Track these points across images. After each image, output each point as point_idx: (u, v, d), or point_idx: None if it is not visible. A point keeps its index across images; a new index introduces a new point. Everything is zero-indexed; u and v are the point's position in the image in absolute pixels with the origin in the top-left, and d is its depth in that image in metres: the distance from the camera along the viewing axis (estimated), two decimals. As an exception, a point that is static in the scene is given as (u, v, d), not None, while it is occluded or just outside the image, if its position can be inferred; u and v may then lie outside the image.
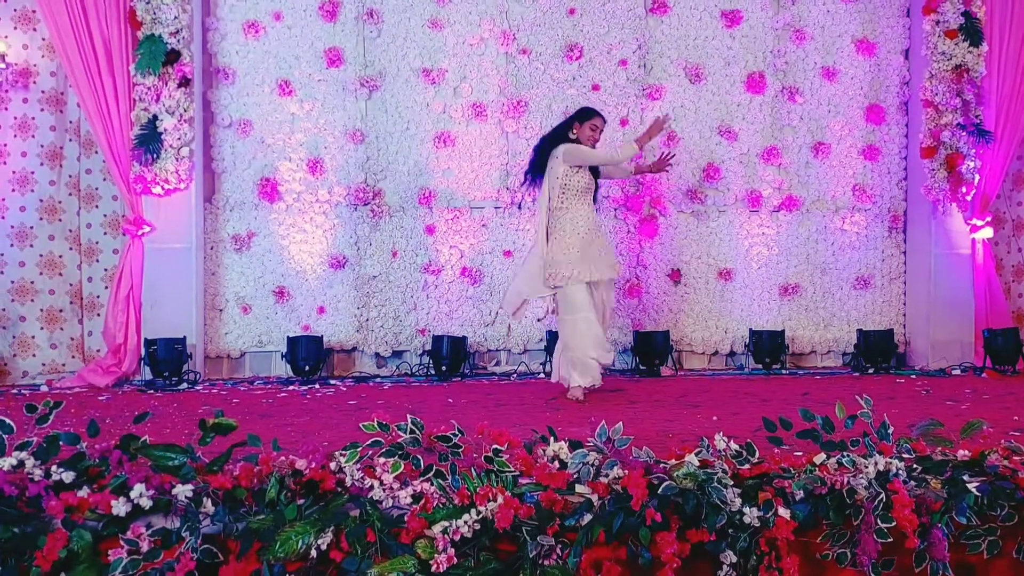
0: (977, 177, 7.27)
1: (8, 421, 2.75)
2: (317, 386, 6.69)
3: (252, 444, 2.79)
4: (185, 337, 6.75)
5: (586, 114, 6.01)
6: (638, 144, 5.90)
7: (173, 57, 6.63)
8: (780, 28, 7.57)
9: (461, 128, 7.40)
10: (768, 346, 7.35)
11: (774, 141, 7.60)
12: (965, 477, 2.93)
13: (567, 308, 5.82)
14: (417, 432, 2.78)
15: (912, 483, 2.89)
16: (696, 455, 2.85)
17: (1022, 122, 7.43)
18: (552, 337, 7.11)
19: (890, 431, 3.14)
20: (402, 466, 2.73)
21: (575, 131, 5.95)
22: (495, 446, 2.85)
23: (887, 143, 7.70)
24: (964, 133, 7.19)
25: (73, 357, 7.05)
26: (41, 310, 7.02)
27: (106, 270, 7.09)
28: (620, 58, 7.43)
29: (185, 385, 6.63)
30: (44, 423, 2.82)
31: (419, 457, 2.78)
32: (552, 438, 2.98)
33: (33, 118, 6.94)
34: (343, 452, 2.74)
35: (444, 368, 7.05)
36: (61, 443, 2.75)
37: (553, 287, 5.85)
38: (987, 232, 7.40)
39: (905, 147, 7.70)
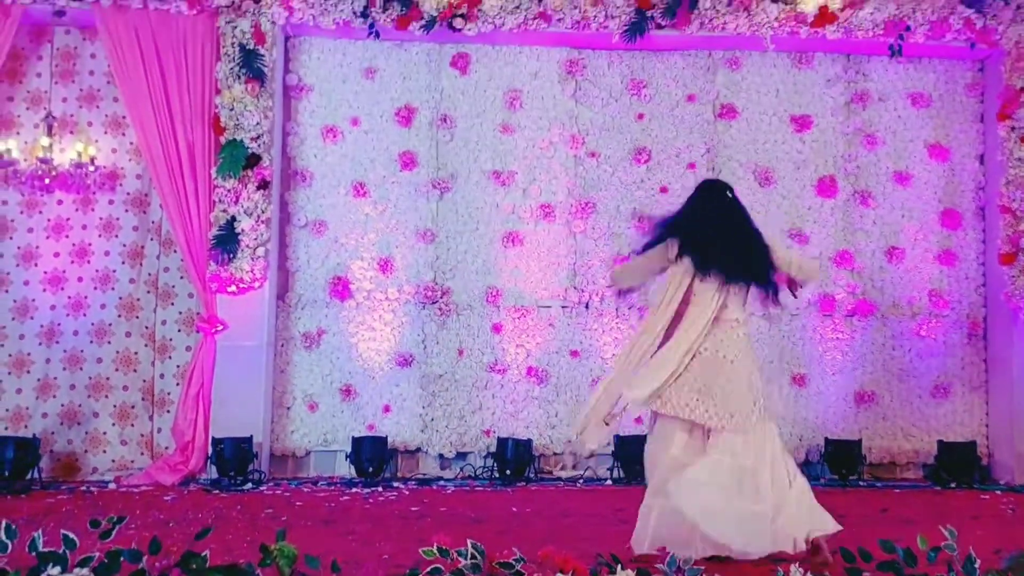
0: (1059, 285, 7.05)
1: (72, 536, 2.78)
2: (380, 488, 6.65)
3: (310, 566, 2.75)
4: (252, 436, 6.79)
5: None
6: None
7: (253, 161, 6.85)
8: (851, 132, 7.55)
9: (529, 228, 7.46)
10: (844, 456, 7.10)
11: (847, 245, 7.50)
12: (1059, 620, 2.76)
13: None
14: (479, 558, 2.72)
15: (1001, 625, 2.72)
16: (769, 589, 2.74)
17: (1104, 229, 7.22)
18: (621, 442, 6.97)
19: (976, 565, 2.99)
20: (463, 594, 2.67)
21: None
22: (560, 573, 2.77)
23: (964, 248, 7.54)
24: (1044, 240, 7.01)
25: (142, 454, 7.14)
26: (114, 406, 7.16)
27: (178, 366, 7.21)
28: (688, 161, 7.47)
29: (250, 485, 6.64)
30: (107, 538, 2.84)
31: (481, 584, 2.72)
32: (618, 565, 2.90)
33: (118, 219, 7.21)
34: (404, 581, 2.69)
35: (508, 472, 6.96)
36: (122, 559, 2.75)
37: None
38: (1071, 341, 7.14)
39: (983, 252, 7.53)
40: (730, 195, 4.42)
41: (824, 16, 7.05)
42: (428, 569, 2.72)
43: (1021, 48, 7.12)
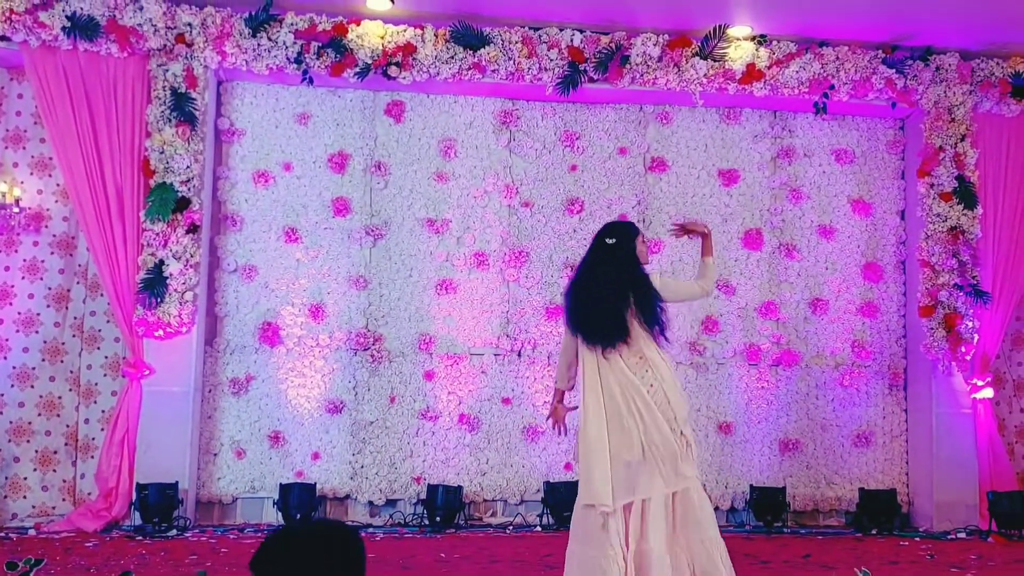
0: (976, 337, 7.29)
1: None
2: (307, 536, 6.56)
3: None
4: (177, 482, 6.68)
5: (634, 230, 4.41)
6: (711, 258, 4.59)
7: (183, 204, 6.80)
8: (777, 187, 7.76)
9: (463, 276, 7.50)
10: (769, 503, 7.21)
11: (772, 296, 7.67)
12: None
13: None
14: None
15: None
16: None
17: (1019, 283, 7.51)
18: (551, 488, 7.03)
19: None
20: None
21: (639, 252, 4.36)
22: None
23: (885, 301, 7.76)
24: (961, 293, 7.25)
25: (64, 500, 6.98)
26: (36, 451, 7.00)
27: (103, 411, 7.08)
28: (620, 212, 7.59)
29: (175, 532, 6.51)
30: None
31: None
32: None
33: (43, 261, 7.09)
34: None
35: (438, 519, 6.93)
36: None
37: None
38: (988, 392, 7.37)
39: (903, 305, 7.77)
40: (609, 241, 4.30)
41: (751, 73, 7.27)
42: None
43: (940, 108, 7.41)
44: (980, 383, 7.34)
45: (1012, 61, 7.48)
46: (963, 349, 7.26)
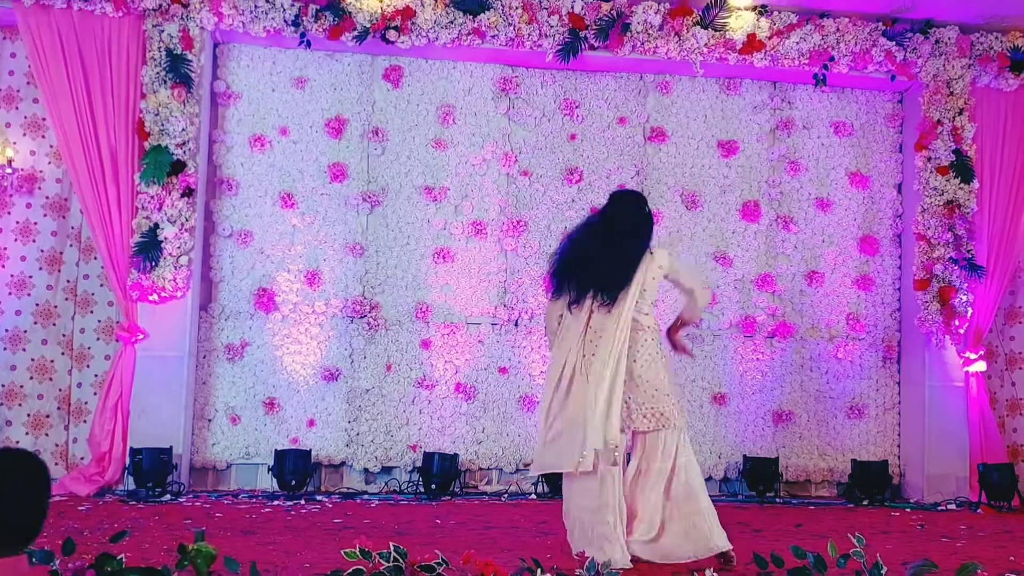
0: (970, 311, 7.32)
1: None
2: (303, 502, 6.56)
3: (229, 568, 2.71)
4: (171, 447, 6.65)
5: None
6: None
7: (178, 168, 6.72)
8: (775, 159, 7.75)
9: (461, 245, 7.47)
10: (762, 474, 7.24)
11: (768, 268, 7.68)
12: (962, 624, 2.85)
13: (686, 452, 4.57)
14: (400, 560, 2.71)
15: (908, 629, 2.81)
16: (687, 593, 2.78)
17: (1013, 258, 7.56)
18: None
19: (883, 572, 3.08)
20: (384, 596, 2.65)
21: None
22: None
23: (881, 274, 7.79)
24: (956, 267, 7.28)
25: (56, 464, 6.93)
26: (28, 415, 6.95)
27: (96, 376, 7.03)
28: (619, 182, 7.56)
29: (169, 496, 6.48)
30: (18, 539, 2.74)
31: (402, 587, 2.71)
32: (539, 569, 2.91)
33: (35, 223, 7.01)
34: (324, 580, 2.67)
35: (434, 486, 6.93)
36: (34, 560, 2.67)
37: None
38: (980, 366, 7.41)
39: (898, 278, 7.78)
40: (646, 209, 4.49)
41: (752, 43, 7.23)
42: (350, 571, 2.70)
43: (939, 81, 7.40)
44: (973, 356, 7.38)
45: (1011, 36, 7.47)
46: (957, 323, 7.30)
